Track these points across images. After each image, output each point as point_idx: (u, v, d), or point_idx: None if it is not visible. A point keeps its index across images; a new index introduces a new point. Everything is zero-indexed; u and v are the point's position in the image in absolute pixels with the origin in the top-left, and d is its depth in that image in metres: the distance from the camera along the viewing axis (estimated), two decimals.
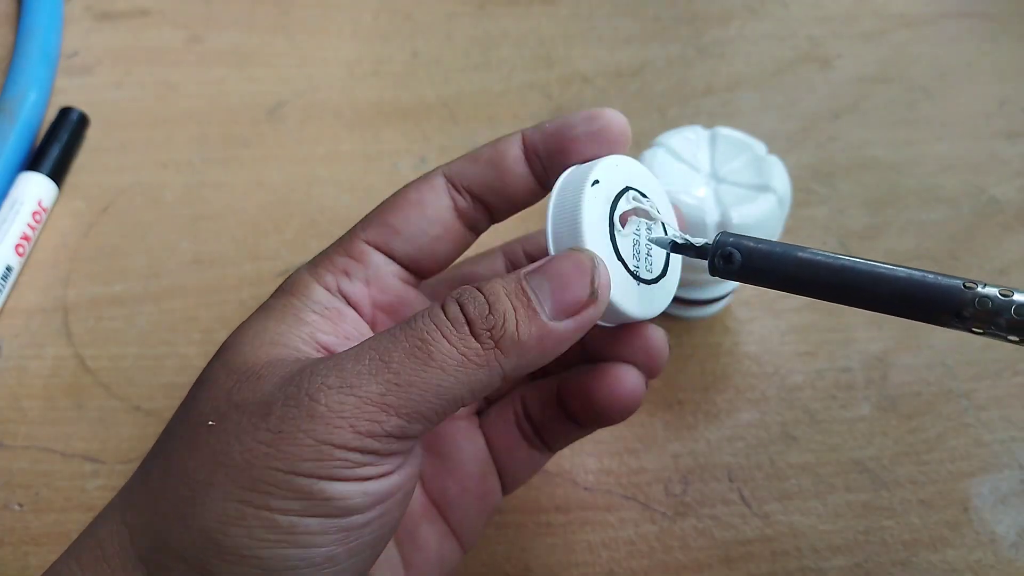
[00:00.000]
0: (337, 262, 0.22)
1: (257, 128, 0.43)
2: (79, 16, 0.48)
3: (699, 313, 0.35)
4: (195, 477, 0.18)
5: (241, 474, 0.17)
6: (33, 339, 0.35)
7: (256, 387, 0.18)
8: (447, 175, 0.22)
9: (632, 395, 0.23)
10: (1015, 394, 0.34)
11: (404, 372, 0.17)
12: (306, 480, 0.17)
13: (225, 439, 0.18)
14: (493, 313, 0.18)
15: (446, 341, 0.18)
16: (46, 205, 0.38)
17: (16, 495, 0.31)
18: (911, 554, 0.29)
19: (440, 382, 0.18)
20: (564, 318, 0.18)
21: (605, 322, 0.21)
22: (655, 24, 0.50)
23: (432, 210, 0.22)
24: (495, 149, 0.22)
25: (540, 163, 0.22)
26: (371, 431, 0.17)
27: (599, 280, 0.19)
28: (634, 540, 0.30)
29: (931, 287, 0.18)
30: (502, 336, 0.18)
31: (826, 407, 0.33)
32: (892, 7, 0.51)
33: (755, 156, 0.32)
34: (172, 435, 0.19)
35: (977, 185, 0.41)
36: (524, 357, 0.18)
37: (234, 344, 0.20)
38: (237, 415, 0.18)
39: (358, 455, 0.17)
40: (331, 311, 0.21)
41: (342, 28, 0.49)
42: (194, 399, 0.19)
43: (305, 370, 0.18)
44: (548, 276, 0.19)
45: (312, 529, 0.17)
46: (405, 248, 0.22)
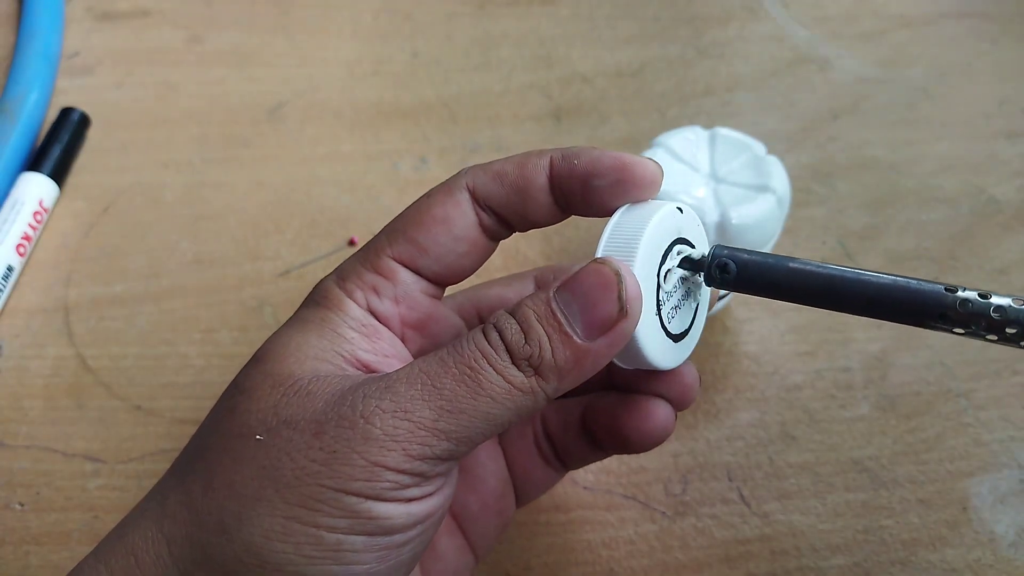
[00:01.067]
0: (366, 278, 0.22)
1: (257, 128, 0.44)
2: (80, 16, 0.49)
3: None
4: (242, 491, 0.18)
5: (291, 491, 0.18)
6: (34, 339, 0.35)
7: (306, 403, 0.19)
8: (471, 188, 0.22)
9: (663, 429, 0.23)
10: (1014, 394, 0.34)
11: (456, 399, 0.18)
12: (355, 499, 0.17)
13: (276, 455, 0.18)
14: (529, 342, 0.18)
15: (492, 370, 0.18)
16: (47, 205, 0.39)
17: (17, 494, 0.31)
18: (910, 553, 0.29)
19: (490, 409, 0.18)
20: (597, 336, 0.19)
21: (625, 364, 0.21)
22: (655, 24, 0.50)
23: (459, 229, 0.22)
24: (523, 175, 0.21)
25: (563, 194, 0.22)
26: (422, 454, 0.18)
27: (627, 294, 0.19)
28: (634, 539, 0.30)
29: (915, 292, 0.19)
30: (540, 364, 0.18)
31: (825, 407, 0.33)
32: (892, 7, 0.51)
33: (754, 156, 0.32)
34: (213, 446, 0.19)
35: (977, 185, 0.41)
36: (564, 379, 0.19)
37: (275, 355, 0.20)
38: (288, 431, 0.18)
39: (406, 477, 0.18)
40: (368, 328, 0.21)
41: (342, 28, 0.49)
42: (234, 410, 0.19)
43: (358, 391, 0.18)
44: (575, 295, 0.19)
45: (356, 547, 0.18)
46: (432, 267, 0.22)
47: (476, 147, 0.43)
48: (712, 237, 0.30)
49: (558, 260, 0.38)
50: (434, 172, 0.42)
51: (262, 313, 0.36)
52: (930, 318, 0.19)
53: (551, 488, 0.28)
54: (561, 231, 0.39)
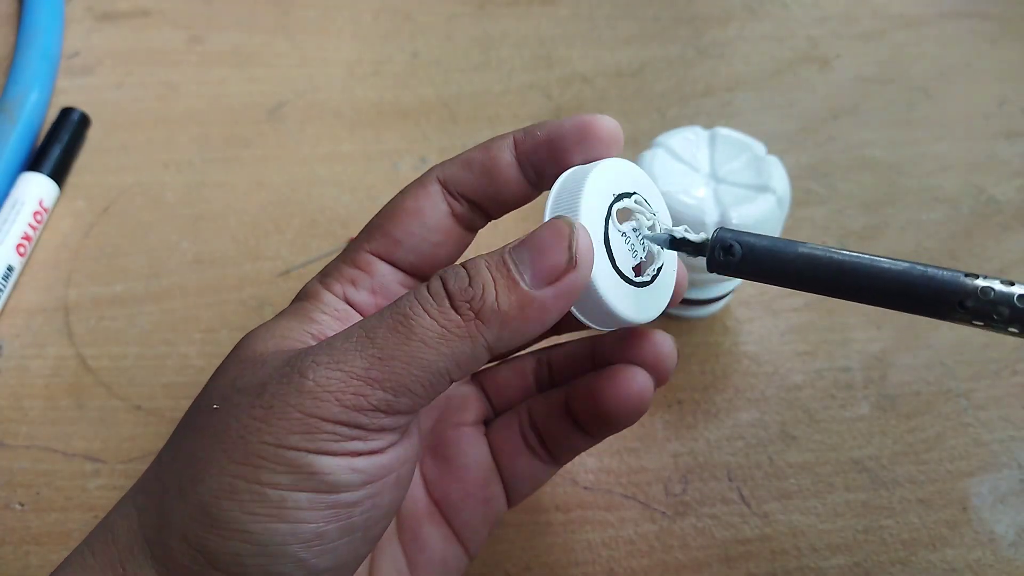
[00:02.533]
0: (344, 272, 0.22)
1: (258, 128, 0.44)
2: (80, 16, 0.49)
3: (698, 313, 0.35)
4: (197, 456, 0.18)
5: (235, 449, 0.18)
6: (34, 339, 0.35)
7: (258, 371, 0.19)
8: (441, 179, 0.22)
9: (640, 396, 0.23)
10: (1014, 394, 0.34)
11: (387, 346, 0.18)
12: (294, 453, 0.17)
13: (224, 419, 0.18)
14: (473, 285, 0.18)
15: (427, 315, 0.18)
16: (47, 205, 0.39)
17: (17, 494, 0.31)
18: (910, 553, 0.29)
19: (422, 355, 0.18)
20: (544, 285, 0.18)
21: (600, 325, 0.21)
22: (655, 24, 0.50)
23: (431, 219, 0.22)
24: (488, 155, 0.22)
25: (532, 168, 0.22)
26: (357, 404, 0.18)
27: (578, 245, 0.18)
28: (634, 539, 0.30)
29: (933, 279, 0.18)
30: (482, 307, 0.18)
31: (825, 407, 0.33)
32: (892, 7, 0.51)
33: (754, 156, 0.32)
34: (183, 424, 0.20)
35: (976, 185, 0.41)
36: (507, 327, 0.18)
37: (246, 340, 0.21)
38: (238, 396, 0.19)
39: (345, 428, 0.18)
40: (340, 312, 0.22)
41: (342, 28, 0.49)
42: (205, 390, 0.20)
43: (301, 352, 0.19)
44: (528, 246, 0.19)
45: (301, 504, 0.18)
46: (408, 258, 0.22)
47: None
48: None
49: None
50: None
51: (262, 313, 0.36)
52: (948, 307, 0.17)
53: (542, 485, 0.27)
54: None
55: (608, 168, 0.21)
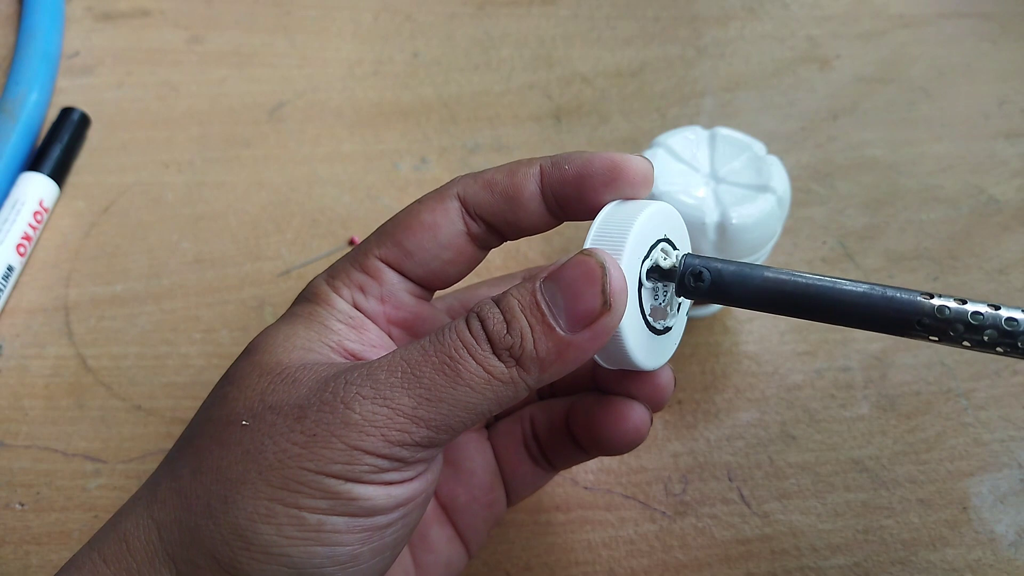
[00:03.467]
0: (353, 277, 0.22)
1: (258, 128, 0.44)
2: (80, 16, 0.49)
3: (698, 313, 0.35)
4: (228, 475, 0.18)
5: (273, 473, 0.18)
6: (34, 339, 0.35)
7: (291, 390, 0.19)
8: (461, 197, 0.22)
9: (637, 431, 0.24)
10: (1014, 393, 0.34)
11: (435, 388, 0.18)
12: (335, 481, 0.18)
13: (259, 439, 0.18)
14: (511, 332, 0.19)
15: (472, 360, 0.18)
16: (47, 205, 0.39)
17: (17, 494, 0.31)
18: (910, 553, 0.29)
19: (469, 399, 0.18)
20: (580, 330, 0.19)
21: (610, 364, 0.21)
22: (655, 25, 0.50)
23: (445, 236, 0.22)
24: (512, 183, 0.21)
25: (555, 201, 0.22)
26: (401, 440, 0.18)
27: (611, 287, 0.18)
28: (634, 539, 0.30)
29: (892, 300, 0.19)
30: (521, 355, 0.18)
31: (825, 406, 0.33)
32: (892, 7, 0.51)
33: (754, 156, 0.32)
34: (202, 432, 0.20)
35: (976, 185, 0.41)
36: (545, 372, 0.19)
37: (264, 346, 0.21)
38: (272, 416, 0.19)
39: (386, 462, 0.18)
40: (354, 320, 0.22)
41: (343, 28, 0.49)
42: (224, 398, 0.20)
43: (340, 377, 0.19)
44: (560, 286, 0.19)
45: (339, 528, 0.18)
46: (418, 270, 0.22)
47: (476, 147, 0.43)
48: (712, 237, 0.30)
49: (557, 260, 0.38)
50: (434, 172, 0.42)
51: (262, 313, 0.36)
52: (907, 325, 0.19)
53: (541, 488, 0.28)
54: (562, 231, 0.39)
55: (658, 212, 0.21)
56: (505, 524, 0.30)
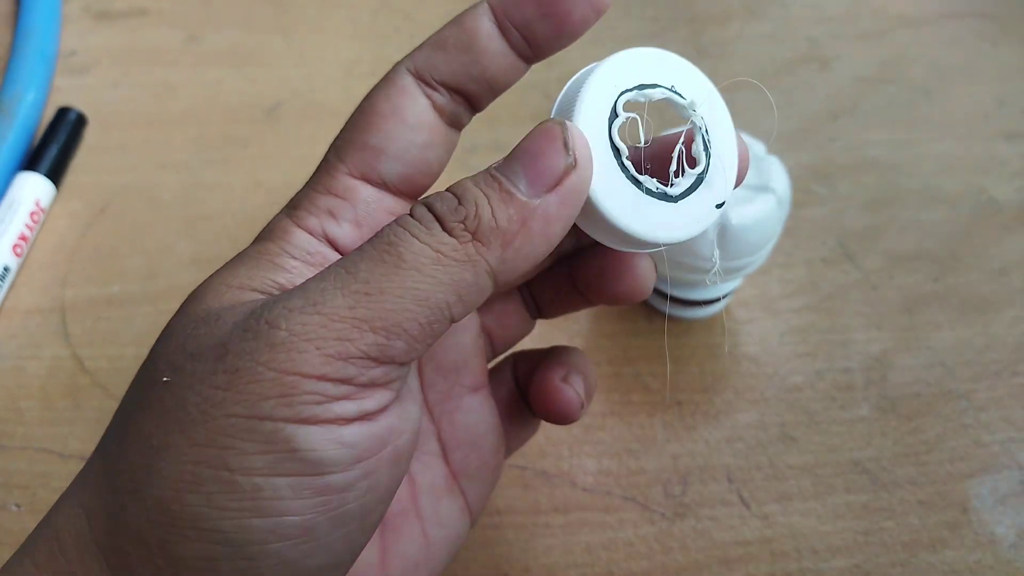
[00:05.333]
0: (319, 203, 0.19)
1: (255, 128, 0.43)
2: (77, 16, 0.48)
3: (698, 314, 0.35)
4: (150, 441, 0.15)
5: (196, 429, 0.15)
6: (31, 340, 0.35)
7: (213, 331, 0.16)
8: (413, 71, 0.19)
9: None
10: (1014, 395, 0.33)
11: (374, 279, 0.15)
12: (270, 425, 0.14)
13: (180, 392, 0.15)
14: (463, 204, 0.16)
15: (416, 240, 0.15)
16: (44, 205, 0.38)
17: (14, 496, 0.30)
18: (910, 555, 0.29)
19: (417, 284, 0.15)
20: (544, 192, 0.16)
21: (622, 246, 0.19)
22: (655, 24, 0.49)
23: (412, 117, 0.19)
24: (462, 28, 0.18)
25: (518, 33, 0.18)
26: (342, 352, 0.15)
27: (573, 142, 0.16)
28: (633, 541, 0.30)
29: None
30: (477, 226, 0.16)
31: (825, 408, 0.33)
32: (892, 7, 0.51)
33: (754, 156, 0.32)
34: (128, 400, 0.17)
35: (976, 185, 0.41)
36: (509, 245, 0.16)
37: (196, 295, 0.18)
38: (192, 364, 0.15)
39: (329, 385, 0.15)
40: (314, 255, 0.18)
41: (341, 28, 0.49)
42: (150, 358, 0.17)
43: (268, 302, 0.16)
44: (516, 156, 0.16)
45: (280, 492, 0.15)
46: (395, 168, 0.19)
47: (474, 147, 0.43)
48: (712, 237, 0.30)
49: None
50: None
51: None
52: None
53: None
54: None
55: (621, 60, 0.18)
56: (503, 526, 0.30)
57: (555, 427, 0.32)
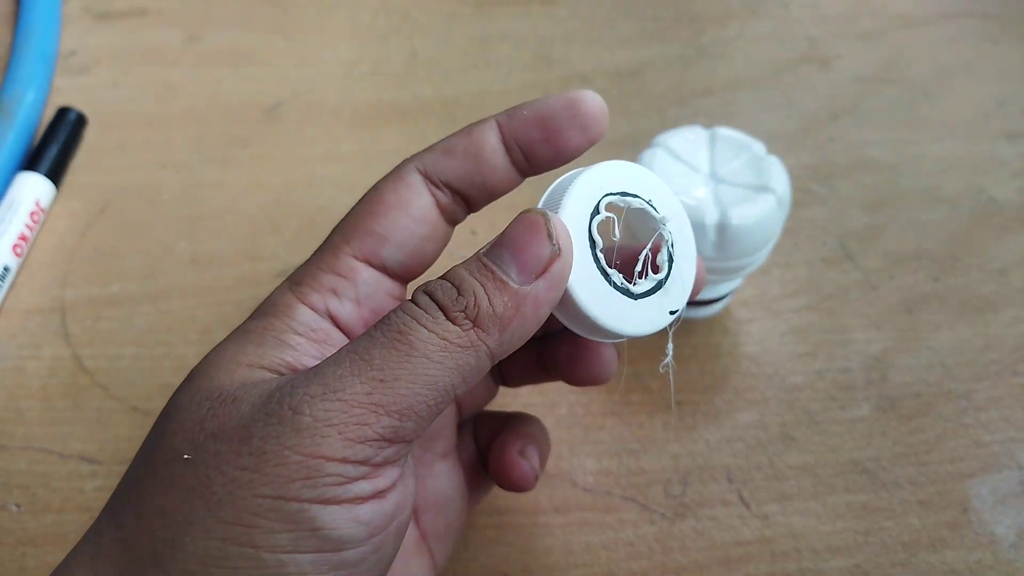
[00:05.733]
0: (323, 280, 0.20)
1: (255, 128, 0.43)
2: (77, 16, 0.48)
3: (698, 314, 0.35)
4: (173, 517, 0.16)
5: (223, 508, 0.16)
6: (31, 339, 0.35)
7: (232, 412, 0.17)
8: (421, 171, 0.21)
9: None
10: (1014, 395, 0.33)
11: (388, 367, 0.16)
12: (296, 505, 0.16)
13: (204, 471, 0.16)
14: (463, 294, 0.17)
15: (424, 329, 0.17)
16: (44, 205, 0.38)
17: (14, 496, 0.30)
18: (910, 555, 0.29)
19: (427, 371, 0.17)
20: (534, 279, 0.18)
21: (592, 336, 0.20)
22: (654, 24, 0.49)
23: (417, 211, 0.21)
24: (471, 140, 0.21)
25: (519, 151, 0.21)
26: (362, 435, 0.16)
27: (555, 232, 0.18)
28: (633, 541, 0.30)
29: None
30: (477, 314, 0.17)
31: (825, 408, 0.33)
32: (892, 7, 0.51)
33: (754, 156, 0.32)
34: (143, 475, 0.18)
35: (977, 185, 0.41)
36: (506, 329, 0.17)
37: (205, 369, 0.19)
38: (215, 444, 0.16)
39: (350, 467, 0.16)
40: (318, 333, 0.20)
41: (340, 28, 0.49)
42: (163, 433, 0.18)
43: (285, 385, 0.17)
44: (504, 245, 0.18)
45: (303, 568, 0.16)
46: (396, 255, 0.21)
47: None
48: (712, 237, 0.30)
49: None
50: None
51: None
52: None
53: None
54: None
55: (607, 168, 0.20)
56: (503, 526, 0.30)
57: (555, 427, 0.32)
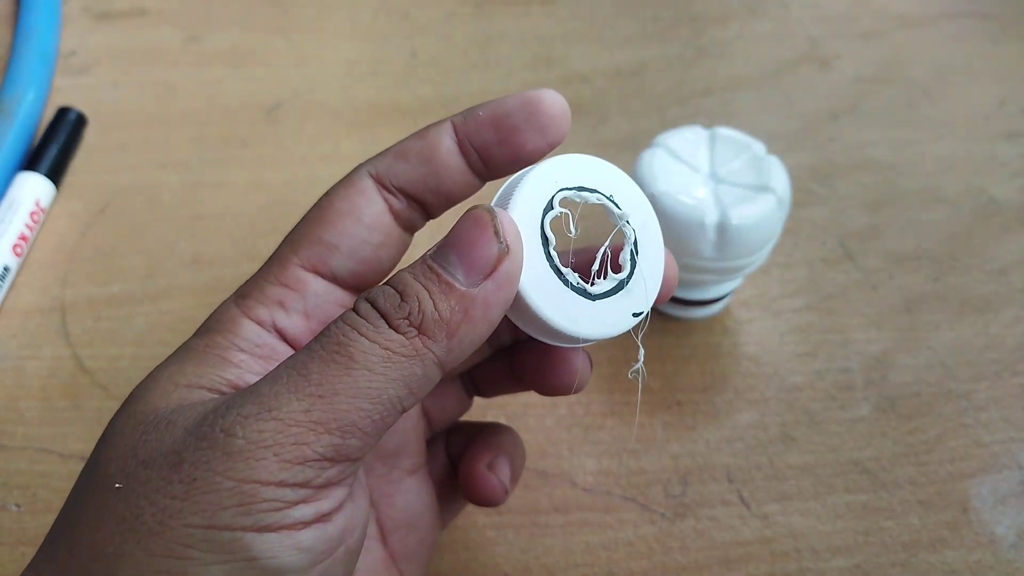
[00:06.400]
0: (269, 293, 0.19)
1: (255, 128, 0.43)
2: (77, 16, 0.48)
3: (698, 314, 0.35)
4: (104, 550, 0.15)
5: (154, 539, 0.15)
6: (31, 339, 0.35)
7: (164, 436, 0.16)
8: (374, 175, 0.20)
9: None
10: (1014, 395, 0.33)
11: (326, 381, 0.15)
12: (228, 535, 0.15)
13: (134, 501, 0.15)
14: (406, 300, 0.16)
15: (365, 339, 0.16)
16: (44, 205, 0.38)
17: (13, 496, 0.30)
18: (910, 555, 0.29)
19: (369, 384, 0.15)
20: (481, 280, 0.16)
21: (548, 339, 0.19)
22: (654, 24, 0.49)
23: (368, 217, 0.19)
24: (425, 142, 0.20)
25: (475, 154, 0.20)
26: (300, 456, 0.15)
27: (503, 229, 0.17)
28: (633, 541, 0.30)
29: None
30: (422, 320, 0.16)
31: (825, 408, 0.33)
32: (892, 7, 0.51)
33: (754, 156, 0.32)
34: (76, 504, 0.17)
35: (977, 185, 0.41)
36: (454, 335, 0.16)
37: (141, 392, 0.17)
38: (145, 471, 0.15)
39: (288, 491, 0.15)
40: (262, 348, 0.19)
41: (340, 28, 0.49)
42: (97, 462, 0.17)
43: (220, 406, 0.16)
44: (450, 245, 0.17)
45: None
46: (347, 264, 0.19)
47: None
48: (712, 237, 0.30)
49: None
50: None
51: None
52: None
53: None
54: None
55: (563, 162, 0.19)
56: (503, 526, 0.30)
57: (555, 427, 0.32)
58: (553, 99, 0.19)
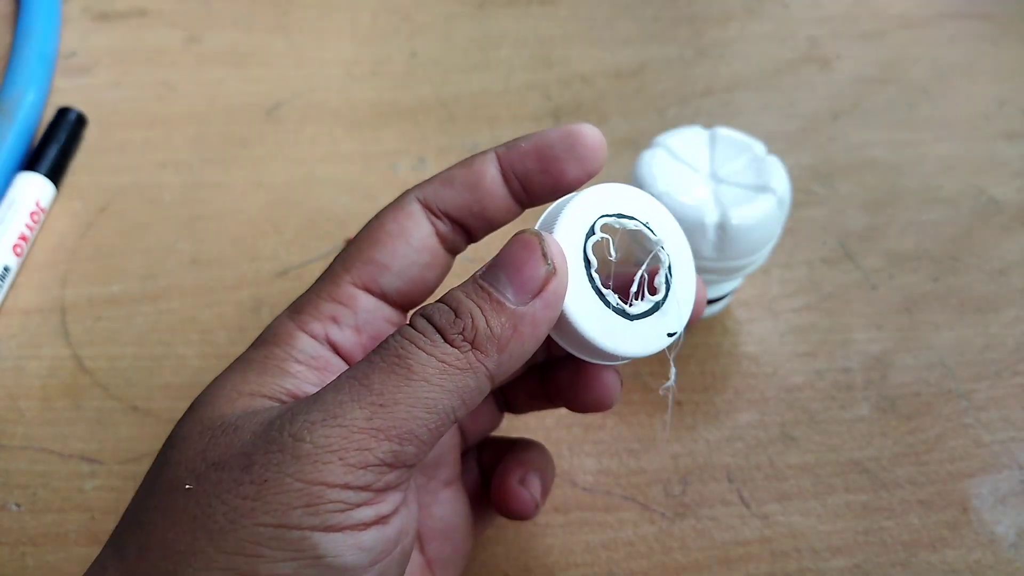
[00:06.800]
0: (323, 308, 0.20)
1: (255, 128, 0.43)
2: (77, 16, 0.48)
3: None
4: (175, 548, 0.16)
5: (226, 537, 0.16)
6: (31, 339, 0.35)
7: (234, 440, 0.17)
8: (421, 200, 0.21)
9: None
10: (1014, 394, 0.33)
11: (387, 391, 0.17)
12: (297, 534, 0.16)
13: (205, 501, 0.16)
14: (460, 316, 0.17)
15: (423, 352, 0.17)
16: (44, 205, 0.38)
17: (14, 495, 0.30)
18: (910, 555, 0.29)
19: (427, 394, 0.17)
20: (530, 299, 0.18)
21: (589, 357, 0.21)
22: (654, 25, 0.49)
23: (417, 240, 0.21)
24: (471, 171, 0.21)
25: (518, 182, 0.21)
26: (362, 461, 0.16)
27: (550, 251, 0.18)
28: (633, 541, 0.30)
29: None
30: (475, 335, 0.17)
31: (825, 407, 0.33)
32: (892, 7, 0.51)
33: (755, 156, 0.32)
34: (146, 505, 0.18)
35: (977, 186, 0.41)
36: (504, 350, 0.18)
37: (207, 399, 0.19)
38: (216, 473, 0.17)
39: (351, 493, 0.16)
40: (318, 360, 0.20)
41: (341, 28, 0.49)
42: (166, 463, 0.18)
43: (286, 412, 0.17)
44: (500, 266, 0.18)
45: None
46: (396, 283, 0.21)
47: (475, 147, 0.43)
48: (712, 238, 0.30)
49: None
50: (432, 172, 0.41)
51: (260, 314, 0.36)
52: None
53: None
54: None
55: (604, 191, 0.20)
56: (503, 526, 0.30)
57: (555, 427, 0.32)
58: (592, 133, 0.21)
